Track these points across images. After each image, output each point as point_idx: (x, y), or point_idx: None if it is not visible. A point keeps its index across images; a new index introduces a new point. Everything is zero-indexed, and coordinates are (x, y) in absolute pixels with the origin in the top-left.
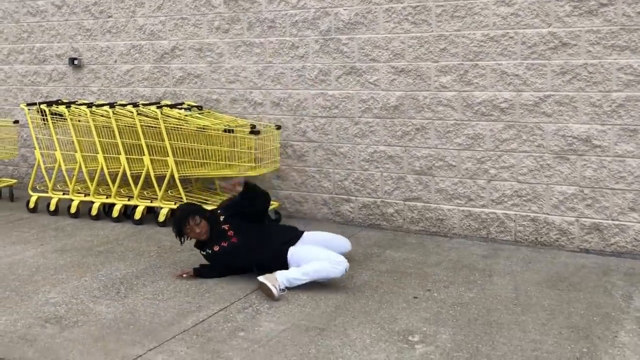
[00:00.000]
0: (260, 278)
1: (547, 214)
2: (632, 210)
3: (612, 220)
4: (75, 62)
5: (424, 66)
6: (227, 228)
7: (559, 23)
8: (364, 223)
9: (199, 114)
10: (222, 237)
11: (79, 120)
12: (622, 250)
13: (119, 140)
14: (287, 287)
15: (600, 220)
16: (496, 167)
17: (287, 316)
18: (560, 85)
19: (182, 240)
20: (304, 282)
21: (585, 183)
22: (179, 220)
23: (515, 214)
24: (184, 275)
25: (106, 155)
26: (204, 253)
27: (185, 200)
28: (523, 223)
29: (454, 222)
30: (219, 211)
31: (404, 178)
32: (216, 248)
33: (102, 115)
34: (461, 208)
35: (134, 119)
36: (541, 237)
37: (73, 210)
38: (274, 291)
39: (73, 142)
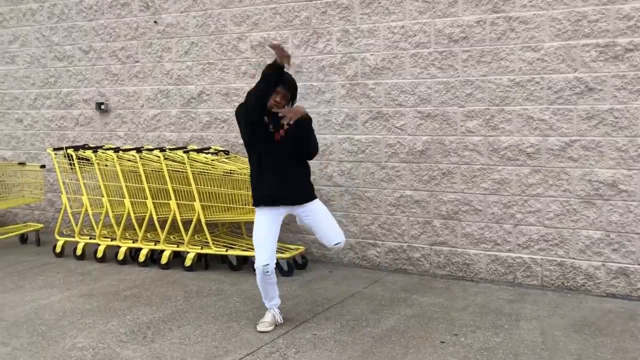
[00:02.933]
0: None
1: (574, 258)
2: None
3: (639, 264)
4: (102, 106)
5: (450, 111)
6: (287, 127)
7: (585, 68)
8: (391, 267)
9: (226, 158)
10: (280, 124)
11: (105, 165)
12: None
13: (145, 185)
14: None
15: (626, 265)
16: (522, 211)
17: None
18: (586, 130)
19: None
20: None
21: (612, 228)
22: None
23: (542, 259)
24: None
25: (133, 199)
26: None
27: (211, 245)
28: (549, 267)
29: (480, 267)
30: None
31: (430, 222)
32: (266, 119)
33: (129, 160)
34: (487, 252)
35: (161, 163)
36: (568, 282)
37: (100, 254)
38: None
39: (100, 186)
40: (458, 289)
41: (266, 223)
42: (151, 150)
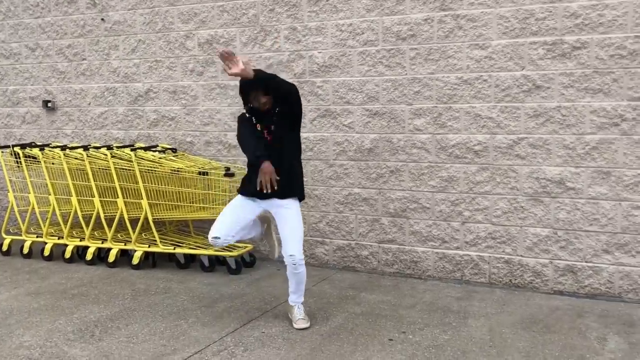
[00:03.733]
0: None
1: (521, 256)
2: (606, 252)
3: (586, 262)
4: (49, 104)
5: (398, 109)
6: (275, 118)
7: (533, 66)
8: (339, 265)
9: (173, 156)
10: (269, 121)
11: (52, 163)
12: (596, 292)
13: (92, 183)
14: None
15: (574, 262)
16: (470, 209)
17: (263, 359)
18: (534, 127)
19: (246, 104)
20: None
21: (559, 225)
22: (241, 88)
23: (490, 256)
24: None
25: (80, 197)
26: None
27: (159, 243)
28: (497, 265)
29: (428, 264)
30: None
31: (378, 220)
32: (258, 126)
33: (75, 158)
34: (435, 250)
35: (108, 161)
36: (515, 279)
37: (47, 253)
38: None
39: (47, 184)
40: (406, 286)
41: (236, 204)
42: (98, 148)
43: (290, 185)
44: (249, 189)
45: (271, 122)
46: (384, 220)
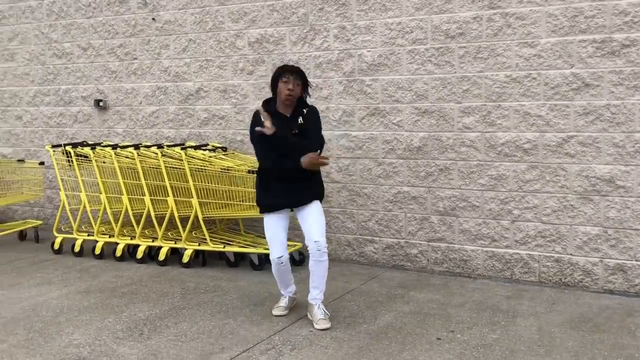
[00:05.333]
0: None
1: (571, 254)
2: None
3: (636, 260)
4: (101, 103)
5: (447, 107)
6: (295, 131)
7: (582, 64)
8: (388, 264)
9: (223, 155)
10: (290, 132)
11: (103, 162)
12: None
13: (143, 182)
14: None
15: (624, 261)
16: (520, 207)
17: (310, 358)
18: (583, 125)
19: (271, 89)
20: None
21: (609, 224)
22: (287, 65)
23: (539, 255)
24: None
25: (131, 196)
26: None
27: (209, 241)
28: (547, 264)
29: (477, 263)
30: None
31: (427, 219)
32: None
33: (126, 157)
34: (485, 249)
35: (159, 160)
36: (565, 278)
37: (97, 251)
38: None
39: (98, 183)
40: (455, 285)
41: (273, 220)
42: (149, 147)
43: (316, 189)
44: (280, 202)
45: (294, 126)
46: (433, 218)
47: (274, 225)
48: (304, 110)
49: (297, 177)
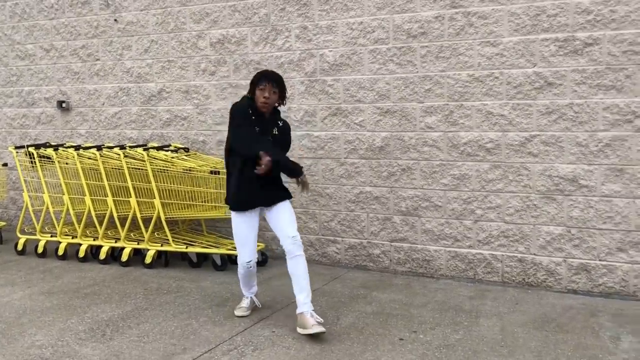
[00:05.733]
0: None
1: (535, 254)
2: (620, 250)
3: (600, 260)
4: (64, 104)
5: (409, 107)
6: (274, 133)
7: (544, 63)
8: (351, 264)
9: (186, 155)
10: (267, 133)
11: (66, 163)
12: (610, 291)
13: (106, 183)
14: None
15: (587, 261)
16: (482, 207)
17: (272, 359)
18: (546, 125)
19: (249, 92)
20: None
21: (573, 223)
22: (265, 72)
23: (502, 255)
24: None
25: (93, 197)
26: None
27: (171, 242)
28: (510, 264)
29: (440, 263)
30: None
31: (390, 219)
32: (257, 129)
33: (89, 158)
34: (448, 249)
35: (121, 161)
36: (529, 278)
37: (61, 252)
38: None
39: (61, 184)
40: (418, 285)
41: (244, 222)
42: (111, 148)
43: (285, 188)
44: (253, 201)
45: (270, 134)
46: (395, 218)
47: (245, 226)
48: (280, 123)
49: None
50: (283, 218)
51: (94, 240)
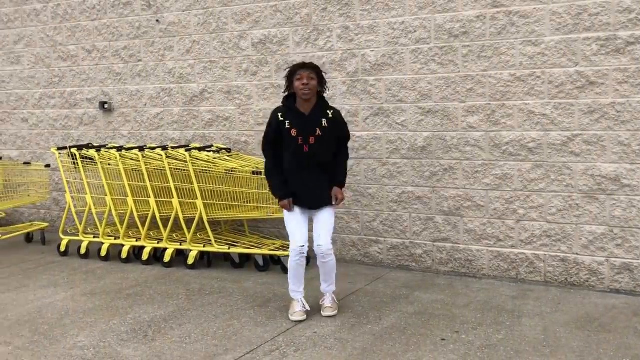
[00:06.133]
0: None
1: (577, 254)
2: None
3: None
4: (106, 105)
5: (451, 106)
6: (319, 132)
7: (586, 62)
8: (393, 264)
9: (228, 156)
10: (311, 131)
11: (109, 164)
12: None
13: (148, 184)
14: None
15: (630, 260)
16: (525, 207)
17: (314, 359)
18: (588, 124)
19: (287, 85)
20: None
21: (615, 223)
22: (297, 63)
23: (545, 254)
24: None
25: (136, 198)
26: (278, 120)
27: (214, 243)
28: (553, 263)
29: (483, 263)
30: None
31: (432, 219)
32: (294, 132)
33: (131, 159)
34: (490, 249)
35: (163, 162)
36: (571, 278)
37: (103, 253)
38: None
39: (103, 185)
40: (460, 285)
41: (294, 214)
42: (154, 148)
43: (327, 195)
44: (302, 202)
45: (313, 133)
46: (438, 218)
47: (295, 218)
48: (329, 112)
49: (314, 172)
50: (320, 223)
51: (137, 241)
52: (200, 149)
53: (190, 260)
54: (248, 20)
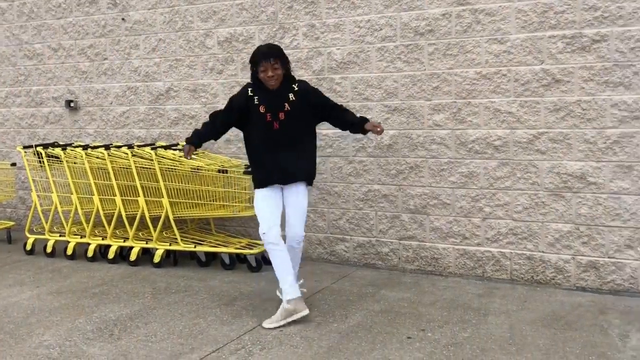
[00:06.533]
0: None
1: (543, 252)
2: (629, 247)
3: (609, 257)
4: (72, 104)
5: (417, 105)
6: (287, 107)
7: (552, 60)
8: (359, 262)
9: (194, 154)
10: (279, 106)
11: (74, 163)
12: (619, 288)
13: (114, 182)
14: None
15: (596, 258)
16: (491, 205)
17: (280, 358)
18: (554, 122)
19: (253, 71)
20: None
21: (581, 220)
22: (259, 52)
23: (511, 252)
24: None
25: (102, 196)
26: (247, 96)
27: (180, 241)
28: (519, 261)
29: (449, 261)
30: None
31: (398, 217)
32: (262, 109)
33: (97, 157)
34: (456, 247)
35: (129, 160)
36: (537, 276)
37: (69, 252)
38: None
39: (69, 184)
40: (427, 283)
41: (264, 195)
42: (119, 147)
43: (310, 171)
44: (270, 178)
45: (282, 108)
46: (404, 216)
47: (266, 197)
48: (294, 87)
49: (287, 147)
50: (294, 209)
51: (103, 239)
52: (166, 148)
53: (157, 259)
54: (214, 18)
